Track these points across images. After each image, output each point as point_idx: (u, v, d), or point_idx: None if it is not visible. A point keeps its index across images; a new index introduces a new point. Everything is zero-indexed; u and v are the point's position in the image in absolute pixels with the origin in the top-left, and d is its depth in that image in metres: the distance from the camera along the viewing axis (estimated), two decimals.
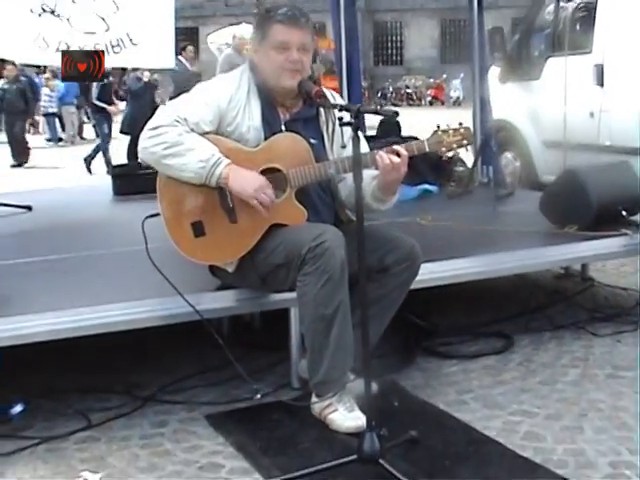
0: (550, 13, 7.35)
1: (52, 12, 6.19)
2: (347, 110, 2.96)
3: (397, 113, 3.02)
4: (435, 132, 3.21)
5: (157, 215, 3.30)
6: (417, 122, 13.19)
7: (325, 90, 3.44)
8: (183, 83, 9.77)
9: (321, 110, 3.40)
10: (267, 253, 3.28)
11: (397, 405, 3.42)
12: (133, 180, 6.46)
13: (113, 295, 3.49)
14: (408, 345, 4.06)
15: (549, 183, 6.90)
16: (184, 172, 3.20)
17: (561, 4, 7.23)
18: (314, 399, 3.25)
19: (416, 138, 6.58)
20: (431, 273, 3.74)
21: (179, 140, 3.18)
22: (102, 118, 13.87)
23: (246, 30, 11.57)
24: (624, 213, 4.52)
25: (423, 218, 4.85)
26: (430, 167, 6.01)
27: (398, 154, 3.08)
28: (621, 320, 4.44)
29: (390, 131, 6.37)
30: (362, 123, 3.68)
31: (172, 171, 3.22)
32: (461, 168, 6.18)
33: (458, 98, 33.22)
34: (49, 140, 20.81)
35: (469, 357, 4.02)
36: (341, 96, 6.75)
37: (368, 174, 3.17)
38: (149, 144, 3.20)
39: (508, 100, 7.83)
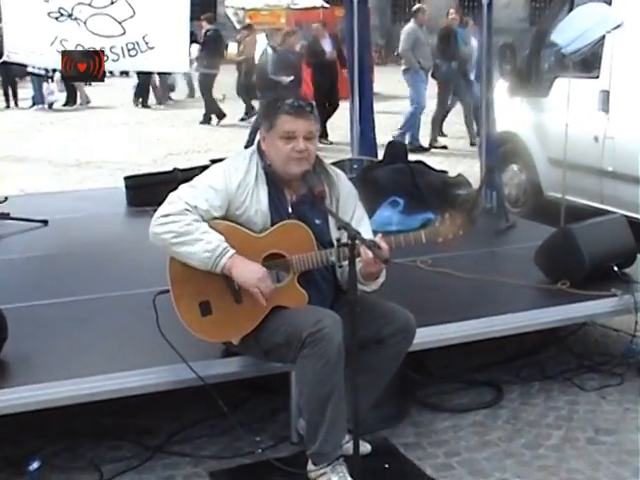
0: None
1: (69, 16, 6.31)
2: (345, 229, 3.15)
3: (378, 246, 3.18)
4: (433, 223, 3.46)
5: (167, 292, 3.52)
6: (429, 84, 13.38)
7: (328, 167, 3.65)
8: None
9: (326, 189, 3.57)
10: (270, 332, 3.49)
11: (388, 467, 3.68)
12: (147, 191, 6.65)
13: (126, 360, 3.74)
14: (403, 396, 4.28)
15: (552, 200, 7.24)
16: (191, 260, 3.38)
17: None
18: (310, 467, 3.49)
19: (422, 162, 6.87)
20: (424, 337, 3.94)
21: (188, 230, 3.36)
22: None
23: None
24: (615, 269, 4.71)
25: (423, 262, 5.03)
26: (433, 193, 6.14)
27: (370, 247, 3.20)
28: (607, 371, 4.66)
29: (396, 156, 6.54)
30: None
31: (180, 257, 3.40)
32: (465, 192, 6.31)
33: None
34: None
35: (459, 411, 4.25)
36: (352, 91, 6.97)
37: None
38: (159, 230, 3.40)
39: (516, 113, 7.99)
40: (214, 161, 7.11)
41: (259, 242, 3.45)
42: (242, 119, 16.57)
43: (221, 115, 16.57)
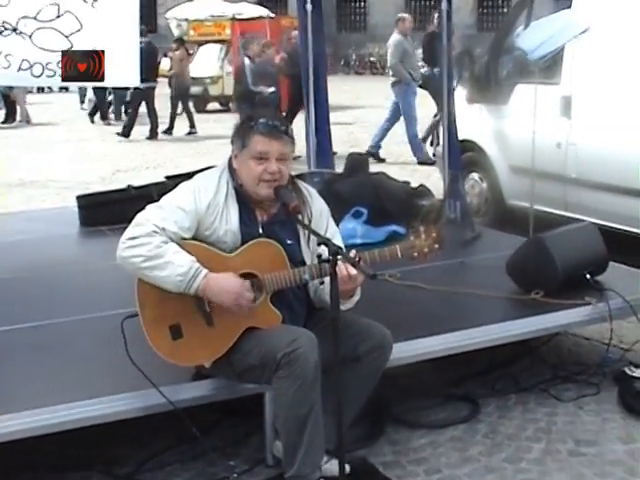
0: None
1: (14, 30, 6.19)
2: (325, 245, 3.15)
3: (375, 276, 3.09)
4: (408, 236, 3.46)
5: (136, 316, 3.47)
6: (379, 93, 13.33)
7: (301, 185, 3.66)
8: None
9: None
10: (243, 354, 3.47)
11: None
12: (101, 210, 6.64)
13: (93, 387, 3.65)
14: (378, 414, 4.26)
15: (515, 208, 7.30)
16: (163, 283, 3.35)
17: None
18: None
19: (383, 174, 6.86)
20: (399, 352, 3.92)
21: (157, 253, 3.32)
22: None
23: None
24: (588, 277, 4.75)
25: (392, 275, 5.00)
26: (396, 204, 6.14)
27: (354, 265, 3.19)
28: (583, 381, 4.69)
29: (358, 168, 6.54)
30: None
31: (151, 281, 3.37)
32: (428, 202, 6.29)
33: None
34: None
35: (437, 427, 4.24)
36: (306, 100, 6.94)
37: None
38: (127, 254, 3.35)
39: (476, 121, 8.03)
40: (170, 178, 7.15)
41: (230, 262, 3.44)
42: (189, 133, 16.51)
43: (168, 129, 16.51)
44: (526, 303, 4.61)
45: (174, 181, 5.90)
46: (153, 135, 16.37)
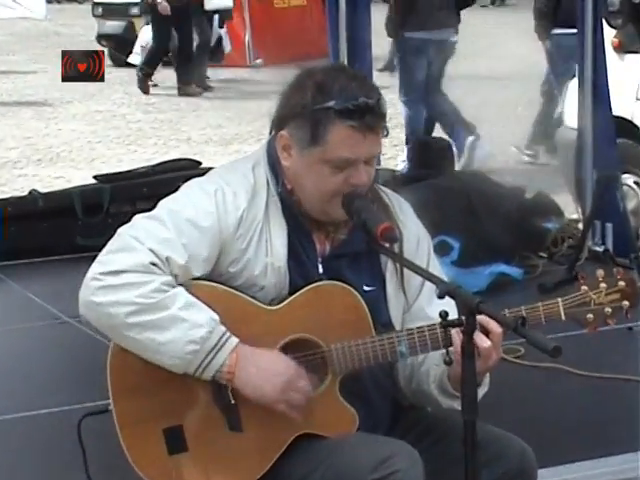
0: None
1: None
2: (450, 295, 2.54)
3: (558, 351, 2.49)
4: (580, 290, 2.86)
5: (105, 412, 2.87)
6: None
7: (382, 192, 3.05)
8: None
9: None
10: None
11: None
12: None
13: None
14: None
15: None
16: (159, 355, 2.74)
17: None
18: None
19: (479, 173, 5.94)
20: None
21: (157, 302, 2.71)
22: None
23: None
24: None
25: (510, 350, 4.37)
26: (508, 231, 5.45)
27: (488, 332, 2.69)
28: None
29: (436, 163, 5.94)
30: None
31: (138, 348, 2.75)
32: (556, 224, 5.63)
33: None
34: None
35: None
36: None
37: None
38: (104, 300, 2.72)
39: (632, 84, 6.78)
40: (98, 178, 6.74)
41: (273, 319, 2.84)
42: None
43: None
44: None
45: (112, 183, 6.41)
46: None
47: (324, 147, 2.79)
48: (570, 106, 6.56)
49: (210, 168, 3.27)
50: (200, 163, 6.99)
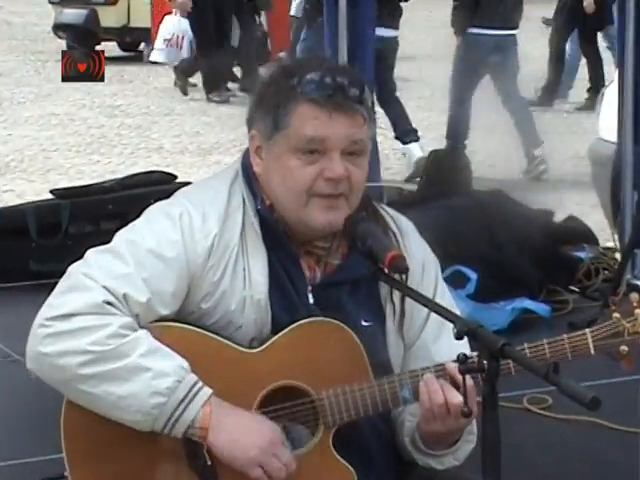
0: None
1: None
2: (471, 335, 2.47)
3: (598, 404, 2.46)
4: (612, 319, 2.84)
5: (62, 478, 2.89)
6: None
7: (383, 210, 3.03)
8: None
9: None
10: None
11: None
12: None
13: None
14: None
15: None
16: (121, 410, 2.70)
17: None
18: None
19: (501, 192, 6.04)
20: None
21: (114, 348, 2.69)
22: None
23: None
24: None
25: (535, 400, 4.47)
26: (533, 260, 5.49)
27: (458, 386, 2.70)
28: None
29: (450, 179, 6.05)
30: None
31: (95, 404, 2.72)
32: (589, 255, 5.69)
33: None
34: None
35: None
36: None
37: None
38: (52, 350, 2.69)
39: None
40: (55, 193, 6.76)
41: (253, 365, 2.83)
42: None
43: None
44: None
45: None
46: None
47: (287, 130, 2.79)
48: (606, 116, 6.61)
49: (187, 183, 3.26)
50: (175, 177, 6.96)
